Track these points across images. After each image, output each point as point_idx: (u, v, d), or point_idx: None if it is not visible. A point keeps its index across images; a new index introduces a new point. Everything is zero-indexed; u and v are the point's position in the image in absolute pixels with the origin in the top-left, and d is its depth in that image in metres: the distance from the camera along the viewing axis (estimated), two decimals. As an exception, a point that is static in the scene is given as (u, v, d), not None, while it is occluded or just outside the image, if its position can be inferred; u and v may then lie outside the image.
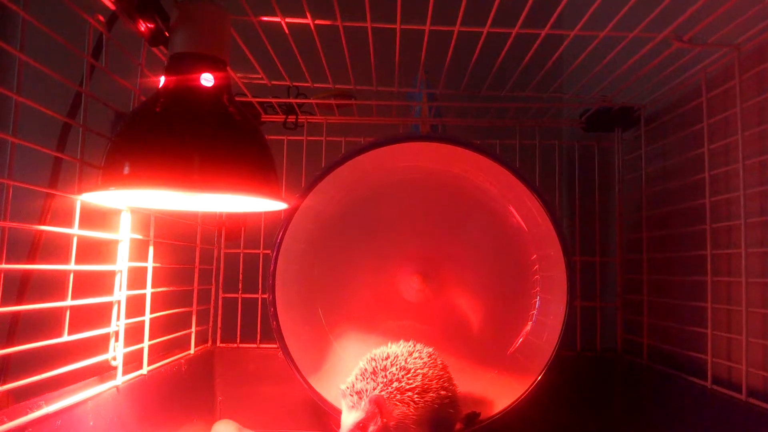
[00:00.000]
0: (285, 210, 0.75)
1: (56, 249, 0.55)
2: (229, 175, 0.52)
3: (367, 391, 0.67)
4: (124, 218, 0.64)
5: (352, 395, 0.68)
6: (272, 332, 0.78)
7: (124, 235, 0.64)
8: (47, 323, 0.52)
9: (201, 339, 0.89)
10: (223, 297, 0.94)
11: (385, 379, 0.68)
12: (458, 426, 0.74)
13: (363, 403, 0.66)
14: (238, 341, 0.93)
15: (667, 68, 0.75)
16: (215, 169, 0.51)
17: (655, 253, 0.87)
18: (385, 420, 0.66)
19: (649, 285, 0.87)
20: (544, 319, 0.79)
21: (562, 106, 1.08)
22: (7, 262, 0.46)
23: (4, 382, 0.47)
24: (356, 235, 0.84)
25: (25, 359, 0.50)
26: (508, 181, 0.76)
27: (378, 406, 0.66)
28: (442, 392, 0.70)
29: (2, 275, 0.45)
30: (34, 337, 0.50)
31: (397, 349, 0.72)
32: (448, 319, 0.84)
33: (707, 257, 0.71)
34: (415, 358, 0.71)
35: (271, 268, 0.77)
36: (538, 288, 0.81)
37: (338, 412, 0.75)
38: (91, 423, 0.56)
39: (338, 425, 0.69)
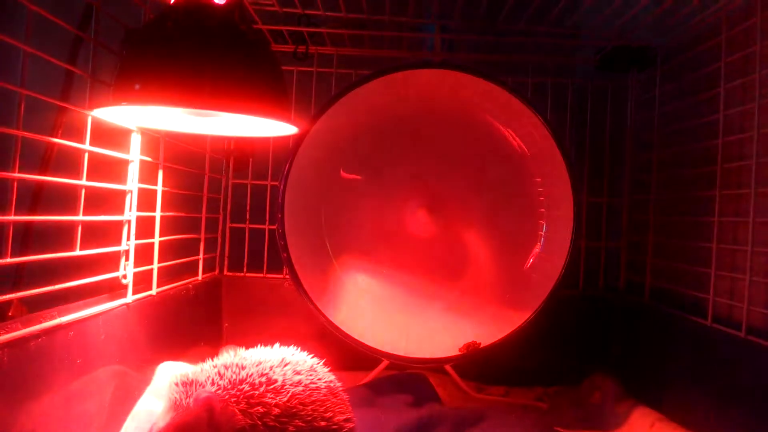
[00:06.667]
0: (294, 137, 0.74)
1: (67, 165, 0.55)
2: (240, 94, 0.51)
3: (199, 385, 0.49)
4: (134, 139, 0.64)
5: (178, 386, 0.49)
6: (279, 262, 0.78)
7: (134, 155, 0.64)
8: (59, 237, 0.53)
9: (208, 267, 0.91)
10: (231, 227, 0.95)
11: (234, 378, 0.51)
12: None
13: (189, 400, 0.48)
14: (244, 270, 0.94)
15: (688, 5, 0.73)
16: (226, 87, 0.51)
17: (663, 194, 0.86)
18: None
19: (656, 226, 0.87)
20: (547, 256, 0.80)
21: (577, 44, 1.05)
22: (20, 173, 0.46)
23: (18, 291, 0.48)
24: (363, 166, 0.84)
25: (36, 272, 0.51)
26: (517, 113, 0.76)
27: (207, 409, 0.48)
28: (320, 423, 0.53)
29: (15, 184, 0.45)
30: (46, 250, 0.51)
31: (273, 355, 0.56)
32: (452, 253, 0.84)
33: (716, 198, 0.71)
34: (294, 373, 0.54)
35: (279, 199, 0.77)
36: (543, 223, 0.82)
37: (345, 336, 0.76)
38: (103, 337, 0.57)
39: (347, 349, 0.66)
